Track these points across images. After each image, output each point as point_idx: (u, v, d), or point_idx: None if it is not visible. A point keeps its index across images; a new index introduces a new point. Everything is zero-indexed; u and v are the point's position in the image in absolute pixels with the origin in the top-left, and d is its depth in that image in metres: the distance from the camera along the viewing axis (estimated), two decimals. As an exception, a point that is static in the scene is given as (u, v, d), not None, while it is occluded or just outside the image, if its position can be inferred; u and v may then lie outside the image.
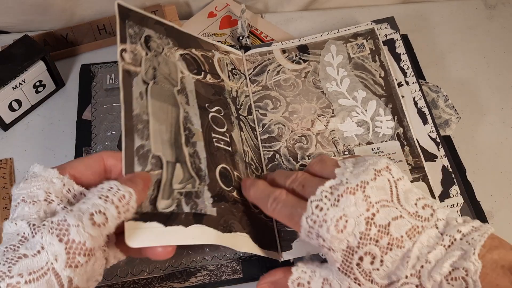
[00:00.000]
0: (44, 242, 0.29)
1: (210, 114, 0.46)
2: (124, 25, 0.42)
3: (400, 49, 0.56)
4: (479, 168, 0.52)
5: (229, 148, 0.46)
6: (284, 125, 0.51)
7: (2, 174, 0.51)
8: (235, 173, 0.44)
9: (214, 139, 0.44)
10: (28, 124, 0.56)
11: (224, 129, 0.47)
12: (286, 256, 0.43)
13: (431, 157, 0.49)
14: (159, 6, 0.61)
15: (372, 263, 0.33)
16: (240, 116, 0.51)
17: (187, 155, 0.41)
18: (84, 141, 0.52)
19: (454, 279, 0.30)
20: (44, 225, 0.30)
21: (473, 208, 0.47)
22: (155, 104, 0.41)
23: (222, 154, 0.44)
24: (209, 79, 0.49)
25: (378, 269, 0.33)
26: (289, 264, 0.44)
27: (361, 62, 0.55)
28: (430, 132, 0.50)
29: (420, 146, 0.49)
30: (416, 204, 0.34)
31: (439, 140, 0.50)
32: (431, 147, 0.49)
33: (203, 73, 0.49)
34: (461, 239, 0.32)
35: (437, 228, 0.33)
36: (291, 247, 0.44)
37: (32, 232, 0.29)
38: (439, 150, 0.49)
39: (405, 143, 0.49)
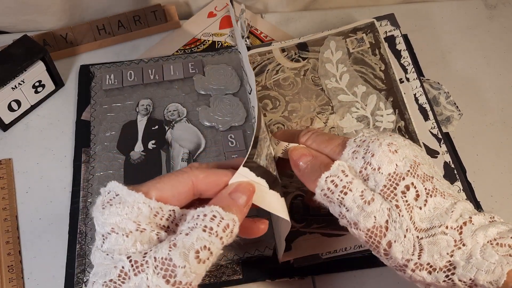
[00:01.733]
0: (151, 284, 0.27)
1: None
2: None
3: (401, 45, 0.56)
4: (479, 168, 0.52)
5: None
6: (283, 125, 0.51)
7: (2, 175, 0.51)
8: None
9: None
10: (27, 124, 0.55)
11: None
12: (285, 256, 0.43)
13: (432, 153, 0.49)
14: (159, 6, 0.61)
15: (416, 199, 0.31)
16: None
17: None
18: (83, 142, 0.52)
19: (499, 245, 0.29)
20: (147, 262, 0.28)
21: (474, 208, 0.47)
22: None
23: None
24: None
25: (420, 208, 0.31)
26: (288, 264, 0.44)
27: (361, 57, 0.55)
28: (431, 128, 0.50)
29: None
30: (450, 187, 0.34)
31: (440, 136, 0.50)
32: (433, 143, 0.49)
33: None
34: (501, 222, 0.31)
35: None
36: (290, 247, 0.44)
37: (134, 270, 0.28)
38: (440, 146, 0.49)
39: (407, 136, 0.49)
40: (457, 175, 0.48)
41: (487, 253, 0.29)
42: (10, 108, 0.53)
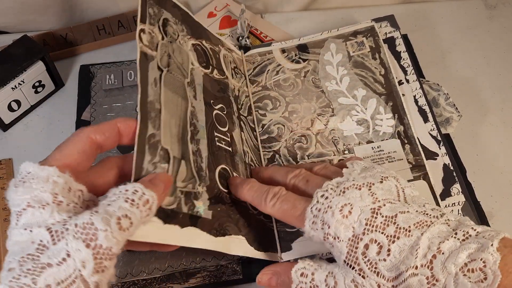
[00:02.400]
0: (70, 248, 0.27)
1: (214, 112, 0.45)
2: (145, 3, 0.41)
3: (401, 47, 0.56)
4: (479, 168, 0.52)
5: (230, 149, 0.45)
6: (283, 125, 0.51)
7: (1, 175, 0.51)
8: (235, 174, 0.44)
9: (216, 138, 0.44)
10: (27, 124, 0.55)
11: (226, 129, 0.46)
12: (285, 257, 0.43)
13: (432, 155, 0.49)
14: (158, 6, 0.61)
15: (378, 253, 0.32)
16: (241, 116, 0.50)
17: (191, 152, 0.40)
18: (83, 142, 0.52)
19: (470, 271, 0.29)
20: (67, 229, 0.28)
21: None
22: (167, 94, 0.39)
23: (223, 154, 0.44)
24: (216, 74, 0.48)
25: (385, 260, 0.31)
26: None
27: (361, 60, 0.55)
28: (431, 130, 0.50)
29: (421, 144, 0.49)
30: (424, 205, 0.34)
31: (440, 138, 0.50)
32: (432, 145, 0.49)
33: (210, 67, 0.47)
34: (476, 235, 0.31)
35: (448, 225, 0.32)
36: (291, 247, 0.44)
37: (53, 240, 0.28)
38: (440, 148, 0.49)
39: (406, 141, 0.49)
40: (456, 178, 0.48)
41: (459, 284, 0.29)
42: (10, 108, 0.53)
